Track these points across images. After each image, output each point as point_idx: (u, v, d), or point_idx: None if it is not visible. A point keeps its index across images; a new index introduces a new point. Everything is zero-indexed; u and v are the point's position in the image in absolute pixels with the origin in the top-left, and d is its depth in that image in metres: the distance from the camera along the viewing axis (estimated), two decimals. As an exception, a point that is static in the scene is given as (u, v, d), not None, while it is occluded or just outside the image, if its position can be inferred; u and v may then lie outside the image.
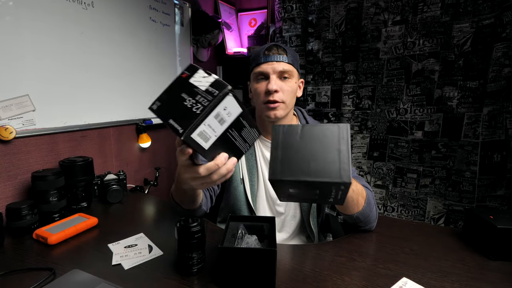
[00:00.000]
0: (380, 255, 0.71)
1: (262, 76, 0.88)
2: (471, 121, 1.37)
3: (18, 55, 0.91)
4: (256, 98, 0.91)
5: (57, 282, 0.57)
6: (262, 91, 0.87)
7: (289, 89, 0.87)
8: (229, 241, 0.62)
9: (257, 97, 0.90)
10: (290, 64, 0.87)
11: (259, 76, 0.88)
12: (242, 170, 0.95)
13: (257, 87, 0.88)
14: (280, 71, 0.86)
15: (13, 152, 0.93)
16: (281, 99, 0.86)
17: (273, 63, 0.86)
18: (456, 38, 1.36)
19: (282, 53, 0.87)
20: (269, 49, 0.87)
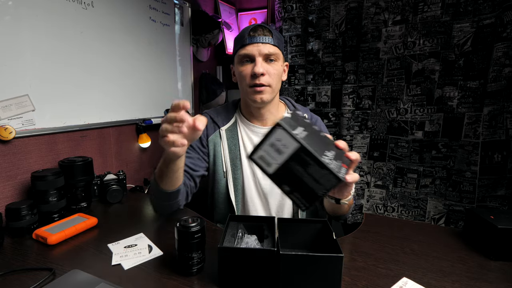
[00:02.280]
0: (380, 255, 0.71)
1: (247, 58, 0.85)
2: (472, 121, 1.37)
3: (17, 55, 0.91)
4: (240, 81, 0.89)
5: (57, 282, 0.57)
6: (248, 74, 0.84)
7: (275, 72, 0.85)
8: (229, 241, 0.62)
9: (242, 80, 0.87)
10: (275, 46, 0.85)
11: (244, 58, 0.85)
12: (225, 163, 0.92)
13: (242, 69, 0.86)
14: (266, 54, 0.83)
15: (13, 152, 0.93)
16: (268, 83, 0.84)
17: (258, 45, 0.83)
18: (456, 38, 1.36)
19: (268, 34, 0.84)
20: (254, 29, 0.84)
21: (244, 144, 0.94)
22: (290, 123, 0.51)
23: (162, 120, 0.64)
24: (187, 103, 0.62)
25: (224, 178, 0.93)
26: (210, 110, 1.00)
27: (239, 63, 0.88)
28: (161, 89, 1.52)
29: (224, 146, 0.92)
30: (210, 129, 0.95)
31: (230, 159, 0.92)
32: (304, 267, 0.54)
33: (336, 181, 0.49)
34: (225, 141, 0.93)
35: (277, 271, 0.55)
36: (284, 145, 0.50)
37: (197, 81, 1.84)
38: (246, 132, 0.95)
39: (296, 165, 0.50)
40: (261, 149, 0.51)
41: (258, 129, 0.94)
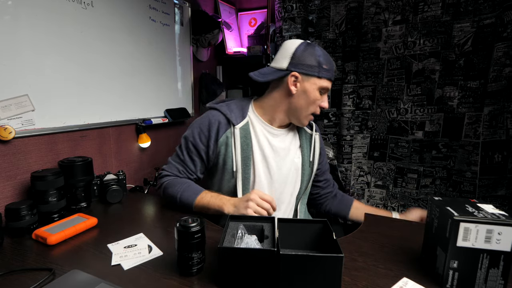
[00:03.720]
0: (380, 255, 0.71)
1: (324, 90, 0.92)
2: (472, 121, 1.37)
3: (17, 55, 0.91)
4: (307, 103, 0.92)
5: (57, 282, 0.57)
6: (318, 104, 0.92)
7: None
8: (229, 241, 0.62)
9: (309, 104, 0.92)
10: None
11: (323, 88, 0.91)
12: (236, 162, 0.92)
13: (317, 97, 0.91)
14: None
15: (13, 152, 0.93)
16: None
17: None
18: (456, 37, 1.36)
19: None
20: (333, 65, 0.94)
21: (259, 143, 0.94)
22: None
23: (257, 203, 0.79)
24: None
25: (233, 178, 0.93)
26: (221, 105, 0.96)
27: (316, 89, 0.90)
28: (161, 89, 1.52)
29: (236, 145, 0.91)
30: (222, 128, 0.93)
31: (242, 159, 0.92)
32: (304, 267, 0.54)
33: None
34: (238, 140, 0.92)
35: (277, 271, 0.55)
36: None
37: (197, 81, 1.83)
38: (262, 132, 0.96)
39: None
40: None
41: (276, 131, 0.97)
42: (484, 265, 0.54)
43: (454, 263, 0.55)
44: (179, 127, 1.72)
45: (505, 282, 0.54)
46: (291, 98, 0.91)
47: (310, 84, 0.89)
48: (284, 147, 0.97)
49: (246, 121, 0.94)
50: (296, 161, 0.99)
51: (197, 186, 0.93)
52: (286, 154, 0.97)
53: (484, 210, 0.56)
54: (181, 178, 0.95)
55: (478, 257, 0.54)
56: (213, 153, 0.94)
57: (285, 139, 0.98)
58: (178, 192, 0.90)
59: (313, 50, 0.90)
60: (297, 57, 0.89)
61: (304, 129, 1.02)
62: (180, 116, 1.63)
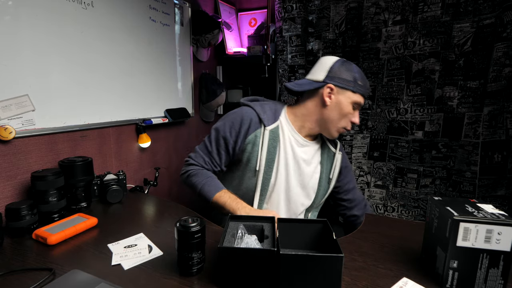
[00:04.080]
0: (380, 255, 0.71)
1: (357, 105, 0.93)
2: (472, 121, 1.37)
3: (17, 55, 0.91)
4: (339, 116, 0.93)
5: (57, 282, 0.57)
6: (350, 119, 0.94)
7: None
8: (229, 241, 0.62)
9: (340, 117, 0.93)
10: None
11: (356, 103, 0.93)
12: (260, 162, 0.94)
13: (350, 112, 0.93)
14: None
15: (13, 152, 0.93)
16: None
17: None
18: (456, 38, 1.36)
19: None
20: (368, 83, 0.96)
21: (285, 149, 0.96)
22: None
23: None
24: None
25: (254, 177, 0.95)
26: (255, 104, 0.99)
27: (350, 104, 0.92)
28: (161, 89, 1.52)
29: (264, 146, 0.93)
30: (252, 126, 0.94)
31: (266, 160, 0.94)
32: (304, 267, 0.54)
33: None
34: (266, 141, 0.94)
35: (277, 271, 0.55)
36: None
37: (197, 81, 1.83)
38: (289, 139, 0.97)
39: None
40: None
41: (303, 141, 0.98)
42: (484, 265, 0.54)
43: (454, 263, 0.55)
44: (179, 127, 1.73)
45: (505, 282, 0.54)
46: (325, 109, 0.93)
47: (344, 97, 0.92)
48: (305, 158, 0.98)
49: (277, 124, 0.96)
50: (315, 176, 1.00)
51: (218, 183, 0.95)
52: (306, 166, 0.99)
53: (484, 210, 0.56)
54: (205, 170, 0.98)
55: (478, 257, 0.54)
56: (239, 149, 0.95)
57: (308, 151, 0.99)
58: (200, 184, 0.94)
59: (349, 66, 0.93)
60: (334, 71, 0.92)
61: (328, 147, 1.03)
62: (180, 116, 1.63)
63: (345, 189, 1.08)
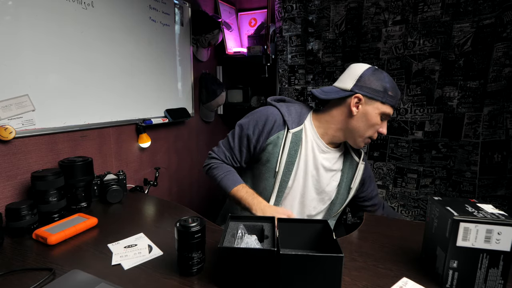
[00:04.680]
0: (380, 255, 0.71)
1: (385, 116, 0.91)
2: (472, 121, 1.37)
3: (17, 55, 0.91)
4: (365, 125, 0.91)
5: (57, 282, 0.57)
6: (377, 129, 0.92)
7: None
8: (229, 241, 0.62)
9: (367, 127, 0.91)
10: None
11: (384, 114, 0.90)
12: (280, 164, 0.93)
13: (377, 122, 0.90)
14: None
15: (13, 152, 0.93)
16: None
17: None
18: (456, 38, 1.36)
19: None
20: (399, 94, 0.94)
21: (306, 153, 0.95)
22: None
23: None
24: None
25: (273, 178, 0.95)
26: (281, 105, 0.98)
27: (378, 115, 0.90)
28: (161, 89, 1.52)
29: (285, 148, 0.93)
30: (276, 128, 0.94)
31: (286, 162, 0.93)
32: (304, 267, 0.54)
33: None
34: (288, 144, 0.93)
35: (277, 271, 0.55)
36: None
37: (197, 81, 1.83)
38: (312, 144, 0.96)
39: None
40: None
41: (325, 148, 0.97)
42: (483, 265, 0.54)
43: (453, 263, 0.55)
44: (179, 127, 1.73)
45: (505, 282, 0.54)
46: (351, 119, 0.91)
47: (372, 108, 0.89)
48: (326, 165, 0.97)
49: (301, 128, 0.95)
50: (333, 183, 0.99)
51: (237, 177, 0.97)
52: (326, 173, 0.98)
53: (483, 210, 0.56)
54: (225, 164, 1.00)
55: (477, 257, 0.54)
56: (260, 148, 0.96)
57: (330, 159, 0.98)
58: (219, 176, 0.96)
59: (381, 75, 0.90)
60: (363, 80, 0.89)
61: (352, 156, 1.01)
62: (180, 116, 1.63)
63: (369, 197, 1.09)
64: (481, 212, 0.55)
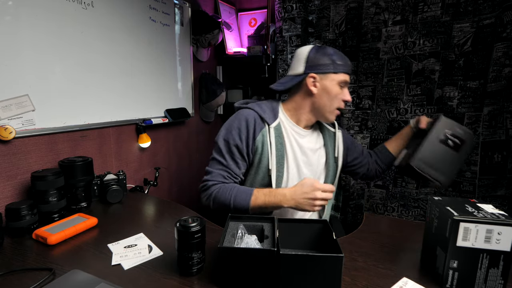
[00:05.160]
0: (380, 255, 0.71)
1: (343, 85, 0.95)
2: (472, 121, 1.37)
3: (17, 55, 0.91)
4: (330, 100, 0.95)
5: (57, 282, 0.57)
6: (340, 98, 0.95)
7: None
8: (229, 241, 0.62)
9: (331, 100, 0.95)
10: None
11: (342, 83, 0.94)
12: (271, 160, 0.94)
13: (339, 92, 0.94)
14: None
15: (13, 152, 0.93)
16: None
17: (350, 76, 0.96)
18: (456, 38, 1.36)
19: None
20: (347, 60, 0.97)
21: (291, 143, 0.97)
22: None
23: (323, 197, 0.81)
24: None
25: (268, 176, 0.95)
26: (252, 105, 1.00)
27: (337, 85, 0.94)
28: (161, 89, 1.52)
29: (272, 144, 0.94)
30: (258, 127, 0.95)
31: (276, 157, 0.94)
32: (304, 267, 0.54)
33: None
34: (273, 139, 0.94)
35: (277, 271, 0.55)
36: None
37: (197, 81, 1.83)
38: (291, 133, 0.98)
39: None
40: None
41: (303, 131, 1.00)
42: (484, 265, 0.54)
43: (454, 263, 0.55)
44: (179, 127, 1.73)
45: (505, 282, 0.54)
46: (313, 98, 0.96)
47: (329, 81, 0.93)
48: (311, 147, 1.01)
49: (278, 121, 0.97)
50: (321, 160, 1.03)
51: (246, 188, 0.91)
52: (313, 154, 1.01)
53: (483, 210, 0.56)
54: (227, 184, 0.93)
55: (478, 257, 0.54)
56: (251, 152, 0.95)
57: (311, 140, 1.02)
58: (229, 199, 0.88)
59: (325, 50, 0.95)
60: (311, 60, 0.94)
61: (327, 129, 1.07)
62: (180, 116, 1.63)
63: (362, 163, 1.16)
64: (481, 212, 0.55)
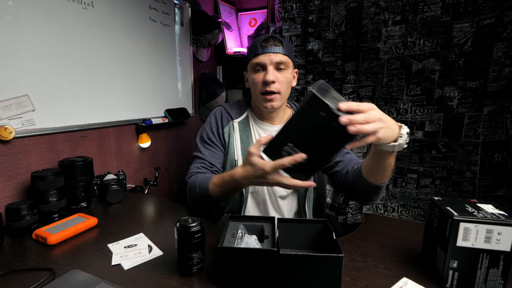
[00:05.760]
0: (380, 255, 0.71)
1: (259, 67, 0.92)
2: (472, 121, 1.37)
3: (17, 55, 0.91)
4: (253, 88, 0.96)
5: (57, 282, 0.57)
6: (260, 82, 0.92)
7: (284, 79, 0.92)
8: (229, 241, 0.62)
9: (254, 87, 0.95)
10: (286, 56, 0.91)
11: (256, 67, 0.92)
12: (237, 153, 0.98)
13: (255, 77, 0.93)
14: (276, 62, 0.90)
15: (13, 152, 0.93)
16: (277, 90, 0.91)
17: (270, 54, 0.90)
18: (456, 38, 1.36)
19: (279, 45, 0.91)
20: (266, 40, 0.91)
21: (256, 137, 1.00)
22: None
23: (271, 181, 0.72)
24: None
25: (236, 166, 0.93)
26: (223, 103, 1.08)
27: (252, 71, 0.94)
28: (161, 89, 1.52)
29: (236, 137, 0.99)
30: (224, 120, 1.01)
31: (242, 150, 0.97)
32: (304, 267, 0.54)
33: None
34: (238, 133, 0.99)
35: (277, 271, 0.55)
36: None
37: (197, 81, 1.84)
38: (256, 129, 1.02)
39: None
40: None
41: (268, 127, 1.01)
42: (484, 265, 0.54)
43: (454, 263, 0.55)
44: (179, 127, 1.73)
45: (505, 282, 0.54)
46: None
47: (248, 72, 0.97)
48: None
49: (245, 116, 1.03)
50: None
51: (210, 174, 0.91)
52: None
53: (483, 210, 0.56)
54: (199, 174, 0.92)
55: (478, 257, 0.54)
56: (223, 141, 1.00)
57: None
58: (196, 185, 0.87)
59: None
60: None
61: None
62: (180, 116, 1.63)
63: (343, 171, 0.92)
64: (481, 212, 0.55)
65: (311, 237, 0.69)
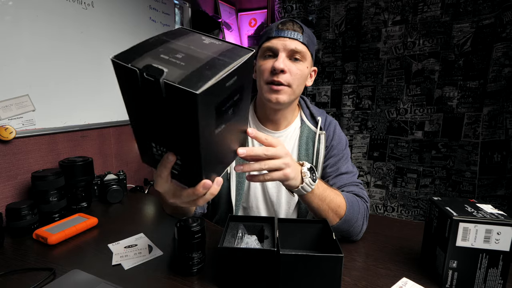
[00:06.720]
0: (380, 255, 0.71)
1: (270, 53, 0.75)
2: (471, 121, 1.37)
3: (18, 55, 0.91)
4: (258, 77, 0.77)
5: (57, 282, 0.57)
6: (267, 69, 0.74)
7: (299, 72, 0.74)
8: (229, 241, 0.62)
9: (260, 76, 0.77)
10: (304, 45, 0.74)
11: (267, 51, 0.75)
12: (230, 165, 0.82)
13: (262, 64, 0.75)
14: (291, 50, 0.73)
15: (13, 152, 0.93)
16: (287, 82, 0.73)
17: (285, 39, 0.73)
18: (456, 38, 1.36)
19: (298, 30, 0.74)
20: (284, 23, 0.75)
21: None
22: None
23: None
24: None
25: (227, 180, 0.85)
26: None
27: (261, 56, 0.77)
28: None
29: None
30: None
31: (236, 161, 0.85)
32: (304, 267, 0.54)
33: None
34: None
35: (277, 271, 0.55)
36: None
37: (197, 81, 1.83)
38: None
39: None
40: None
41: (270, 133, 0.84)
42: (483, 265, 0.54)
43: (453, 263, 0.55)
44: (179, 127, 1.73)
45: (504, 282, 0.54)
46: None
47: (257, 58, 0.79)
48: None
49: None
50: None
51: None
52: None
53: (483, 210, 0.56)
54: None
55: (477, 257, 0.54)
56: None
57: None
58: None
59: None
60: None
61: (307, 126, 0.85)
62: (180, 116, 1.63)
63: (332, 175, 0.83)
64: (481, 212, 0.55)
65: (311, 237, 0.69)
